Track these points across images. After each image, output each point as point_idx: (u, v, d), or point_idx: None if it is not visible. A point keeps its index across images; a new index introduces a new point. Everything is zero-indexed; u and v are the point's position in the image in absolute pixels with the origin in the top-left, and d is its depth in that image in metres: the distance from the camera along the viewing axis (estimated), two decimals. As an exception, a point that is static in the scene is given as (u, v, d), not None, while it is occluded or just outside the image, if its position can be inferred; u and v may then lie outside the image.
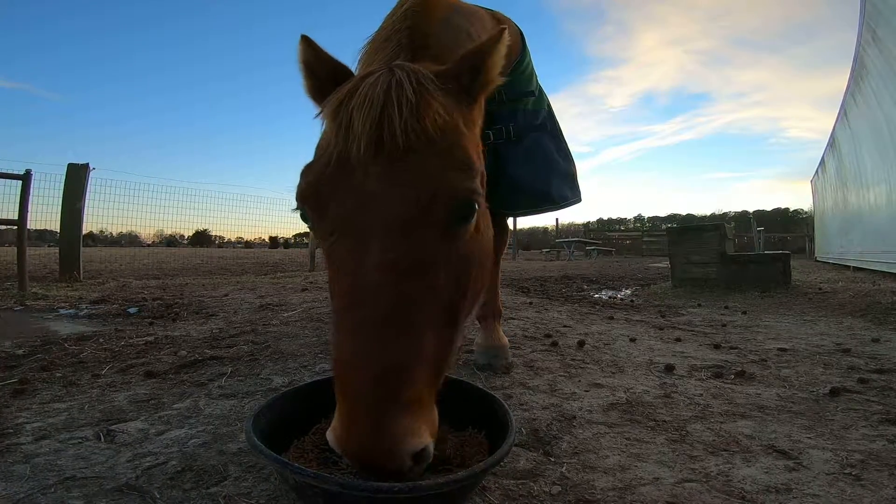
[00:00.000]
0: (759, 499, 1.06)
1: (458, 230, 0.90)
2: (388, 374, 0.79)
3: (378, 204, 0.85)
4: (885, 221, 7.44)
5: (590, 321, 3.63)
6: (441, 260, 0.88)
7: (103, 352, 2.38)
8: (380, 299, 0.81)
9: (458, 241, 0.91)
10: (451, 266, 0.90)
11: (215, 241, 26.74)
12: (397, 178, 0.85)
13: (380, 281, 0.82)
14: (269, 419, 1.12)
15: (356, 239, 0.85)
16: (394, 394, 0.79)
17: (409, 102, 0.87)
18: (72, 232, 6.65)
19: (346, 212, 0.87)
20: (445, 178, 0.86)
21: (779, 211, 69.91)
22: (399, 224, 0.84)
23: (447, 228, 0.88)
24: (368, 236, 0.84)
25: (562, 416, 1.57)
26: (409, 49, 1.20)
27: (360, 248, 0.85)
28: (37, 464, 1.19)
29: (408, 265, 0.83)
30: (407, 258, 0.83)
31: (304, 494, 0.90)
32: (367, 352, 0.80)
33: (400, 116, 0.85)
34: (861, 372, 2.11)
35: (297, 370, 2.12)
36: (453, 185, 0.87)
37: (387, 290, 0.81)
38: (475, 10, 1.72)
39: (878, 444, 1.34)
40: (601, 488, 1.11)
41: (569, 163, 2.14)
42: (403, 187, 0.84)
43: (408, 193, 0.84)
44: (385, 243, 0.83)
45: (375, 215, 0.84)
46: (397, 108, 0.86)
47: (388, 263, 0.82)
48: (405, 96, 0.87)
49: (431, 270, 0.86)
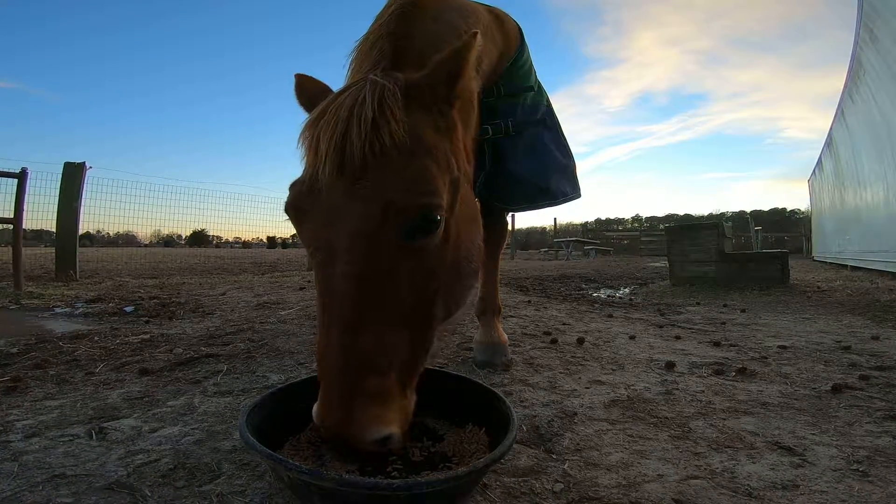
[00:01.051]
0: (766, 495, 1.04)
1: (417, 243, 0.95)
2: (351, 367, 0.89)
3: (340, 220, 0.92)
4: (882, 221, 7.45)
5: (589, 319, 3.61)
6: (403, 269, 0.94)
7: (98, 350, 2.35)
8: (343, 304, 0.91)
9: (421, 251, 0.96)
10: (415, 274, 0.96)
11: (213, 241, 26.67)
12: (356, 195, 0.91)
13: (342, 288, 0.91)
14: (263, 415, 1.09)
15: (326, 252, 0.94)
16: (357, 385, 0.88)
17: (367, 120, 0.92)
18: (68, 231, 6.60)
19: (317, 228, 0.96)
20: (397, 194, 0.91)
21: (776, 211, 70.03)
22: (359, 238, 0.91)
23: (404, 241, 0.93)
24: (334, 249, 0.93)
25: (563, 413, 1.55)
26: (391, 56, 1.21)
27: (328, 260, 0.94)
28: (25, 461, 1.16)
29: (367, 275, 0.91)
30: (366, 269, 0.91)
31: (299, 492, 0.87)
32: (333, 348, 0.90)
33: (359, 137, 0.91)
34: (862, 369, 2.09)
35: (294, 367, 2.09)
36: (407, 201, 0.91)
37: (349, 297, 0.90)
38: (470, 6, 1.69)
39: (883, 440, 1.32)
40: (605, 485, 1.09)
41: (568, 158, 2.12)
42: (361, 204, 0.91)
43: (363, 210, 0.91)
44: (347, 256, 0.91)
45: (339, 231, 0.92)
46: (357, 129, 0.92)
47: (349, 274, 0.91)
48: (364, 116, 0.93)
49: (392, 279, 0.93)
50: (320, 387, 0.93)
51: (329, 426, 0.91)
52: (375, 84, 0.98)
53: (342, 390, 0.89)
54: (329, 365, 0.90)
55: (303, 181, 0.99)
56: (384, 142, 0.92)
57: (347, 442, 0.90)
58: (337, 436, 0.91)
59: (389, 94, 0.97)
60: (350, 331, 0.90)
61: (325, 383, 0.92)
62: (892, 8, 5.73)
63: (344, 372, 0.89)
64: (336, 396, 0.89)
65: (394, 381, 0.93)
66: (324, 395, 0.92)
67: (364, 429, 0.87)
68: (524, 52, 1.97)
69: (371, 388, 0.89)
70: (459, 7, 1.59)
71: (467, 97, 1.24)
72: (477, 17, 1.64)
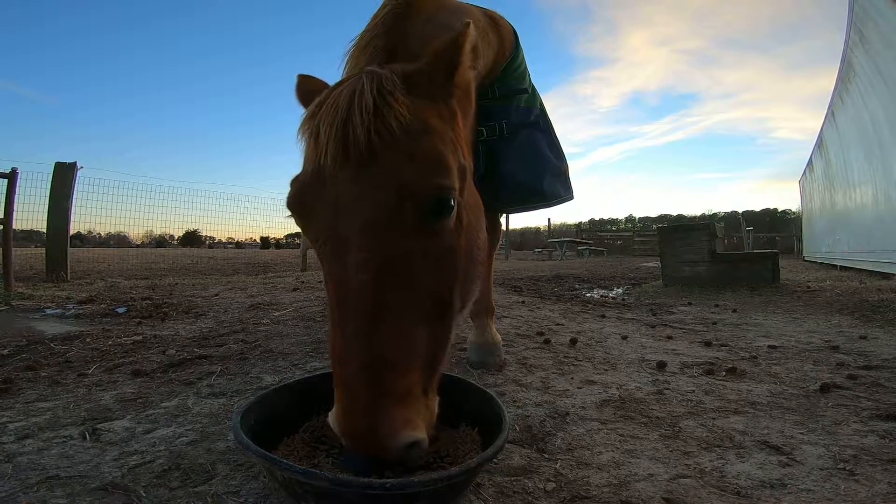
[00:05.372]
0: (754, 494, 1.06)
1: (433, 226, 0.92)
2: (374, 366, 0.83)
3: (350, 209, 0.88)
4: (870, 221, 7.53)
5: (582, 319, 3.64)
6: (420, 256, 0.91)
7: (90, 351, 2.34)
8: (360, 297, 0.86)
9: (438, 236, 0.93)
10: (432, 261, 0.93)
11: (206, 241, 26.56)
12: (364, 182, 0.88)
13: (359, 280, 0.86)
14: (257, 416, 1.10)
15: (337, 242, 0.90)
16: (381, 386, 0.83)
17: (369, 107, 0.89)
18: (59, 231, 6.55)
19: (326, 219, 0.91)
20: (411, 176, 0.88)
21: (767, 211, 70.65)
22: (371, 226, 0.87)
23: (421, 225, 0.90)
24: (346, 240, 0.88)
25: (555, 413, 1.56)
26: (385, 54, 1.21)
27: (340, 251, 0.89)
28: (19, 463, 1.16)
29: (384, 264, 0.87)
30: (382, 257, 0.87)
31: (293, 492, 0.88)
32: (353, 346, 0.84)
33: (362, 123, 0.88)
34: (850, 368, 2.12)
35: (288, 368, 2.10)
36: (420, 182, 0.88)
37: (366, 289, 0.86)
38: (465, 8, 1.70)
39: (869, 440, 1.35)
40: (596, 484, 1.10)
41: (561, 160, 2.14)
42: (371, 190, 0.88)
43: (376, 196, 0.87)
44: (360, 245, 0.87)
45: (349, 220, 0.88)
46: (359, 115, 0.89)
47: (365, 263, 0.86)
48: (365, 102, 0.90)
49: (410, 267, 0.89)
50: (337, 390, 0.87)
51: (352, 434, 0.84)
52: (373, 73, 0.97)
53: (365, 392, 0.82)
54: (349, 365, 0.84)
55: (305, 173, 0.95)
56: (390, 125, 0.89)
57: (374, 450, 0.83)
58: (362, 445, 0.84)
59: (388, 81, 0.95)
60: (370, 325, 0.84)
61: (345, 385, 0.85)
62: (882, 10, 5.80)
63: (366, 371, 0.83)
64: (358, 400, 0.82)
65: (418, 380, 0.89)
66: (344, 400, 0.85)
67: (392, 435, 0.81)
68: (519, 55, 1.98)
69: (396, 388, 0.84)
70: (454, 8, 1.60)
71: (465, 88, 1.21)
72: (472, 18, 1.65)
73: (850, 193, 9.17)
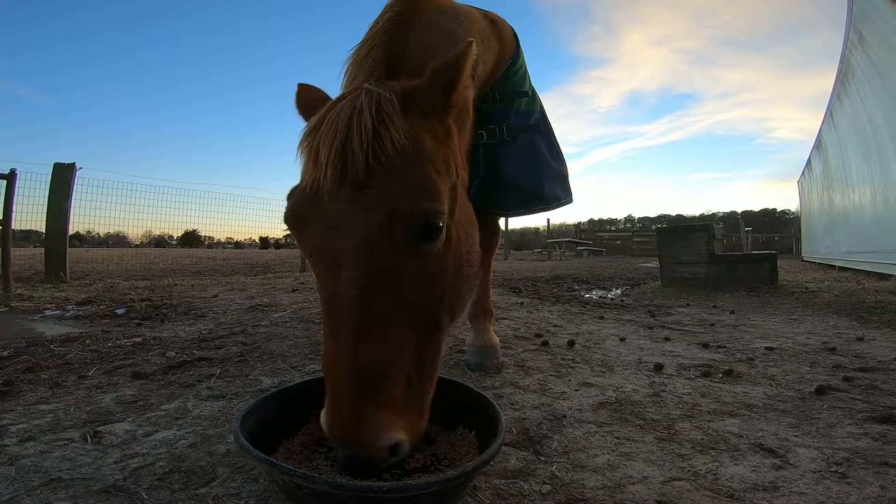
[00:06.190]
0: (746, 497, 1.07)
1: (422, 248, 0.95)
2: (359, 373, 0.88)
3: (344, 228, 0.92)
4: (869, 222, 7.55)
5: (580, 321, 3.65)
6: (408, 275, 0.95)
7: (90, 353, 2.35)
8: (349, 311, 0.90)
9: (425, 256, 0.97)
10: (420, 279, 0.97)
11: (205, 241, 26.54)
12: (359, 203, 0.92)
13: (348, 296, 0.90)
14: (257, 419, 1.11)
15: (330, 258, 0.94)
16: (365, 391, 0.88)
17: (367, 129, 0.93)
18: (58, 232, 6.56)
19: (320, 235, 0.95)
20: (402, 201, 0.92)
21: (766, 211, 70.65)
22: (362, 245, 0.91)
23: (410, 246, 0.94)
24: (339, 256, 0.92)
25: (552, 416, 1.57)
26: (385, 65, 1.22)
27: (333, 267, 0.93)
28: (22, 465, 1.17)
29: (373, 280, 0.91)
30: (371, 275, 0.91)
31: (293, 495, 0.89)
32: (340, 356, 0.89)
33: (360, 146, 0.92)
34: (846, 370, 2.14)
35: (287, 371, 2.11)
36: (409, 207, 0.92)
37: (355, 304, 0.90)
38: (466, 11, 1.70)
39: (863, 442, 1.36)
40: (591, 487, 1.12)
41: (561, 164, 2.15)
42: (364, 212, 0.91)
43: (369, 217, 0.91)
44: (351, 262, 0.91)
45: (342, 238, 0.92)
46: (357, 137, 0.92)
47: (355, 281, 0.90)
48: (363, 124, 0.93)
49: (397, 284, 0.94)
50: (327, 394, 0.92)
51: (338, 433, 0.89)
52: (371, 93, 0.98)
53: (351, 397, 0.87)
54: (337, 372, 0.89)
55: (303, 190, 0.98)
56: (386, 150, 0.92)
57: (358, 449, 0.88)
58: (347, 443, 0.89)
59: (386, 101, 0.97)
60: (358, 337, 0.89)
61: (334, 390, 0.90)
62: (881, 11, 5.81)
63: (353, 378, 0.88)
64: (345, 403, 0.88)
65: (404, 389, 0.93)
66: (332, 402, 0.91)
67: (375, 435, 0.86)
68: (519, 58, 1.98)
69: (381, 394, 0.88)
70: (455, 12, 1.59)
71: (463, 105, 1.24)
72: (472, 21, 1.65)
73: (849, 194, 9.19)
